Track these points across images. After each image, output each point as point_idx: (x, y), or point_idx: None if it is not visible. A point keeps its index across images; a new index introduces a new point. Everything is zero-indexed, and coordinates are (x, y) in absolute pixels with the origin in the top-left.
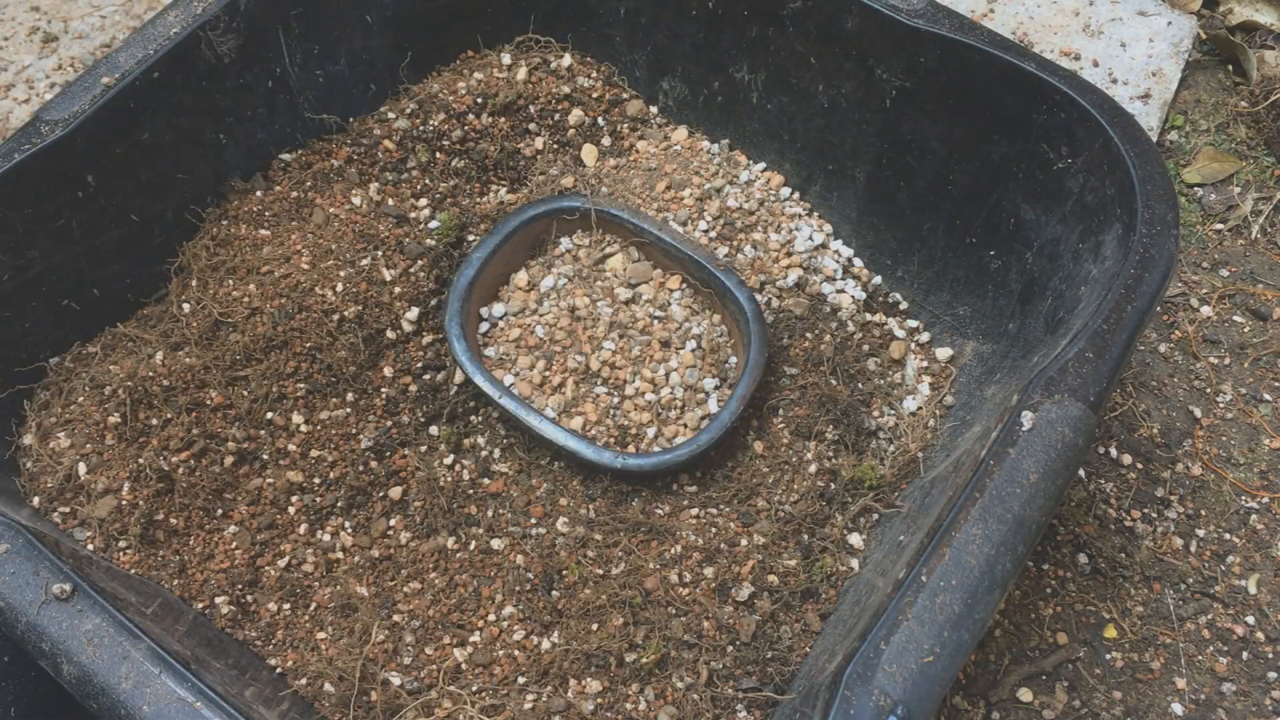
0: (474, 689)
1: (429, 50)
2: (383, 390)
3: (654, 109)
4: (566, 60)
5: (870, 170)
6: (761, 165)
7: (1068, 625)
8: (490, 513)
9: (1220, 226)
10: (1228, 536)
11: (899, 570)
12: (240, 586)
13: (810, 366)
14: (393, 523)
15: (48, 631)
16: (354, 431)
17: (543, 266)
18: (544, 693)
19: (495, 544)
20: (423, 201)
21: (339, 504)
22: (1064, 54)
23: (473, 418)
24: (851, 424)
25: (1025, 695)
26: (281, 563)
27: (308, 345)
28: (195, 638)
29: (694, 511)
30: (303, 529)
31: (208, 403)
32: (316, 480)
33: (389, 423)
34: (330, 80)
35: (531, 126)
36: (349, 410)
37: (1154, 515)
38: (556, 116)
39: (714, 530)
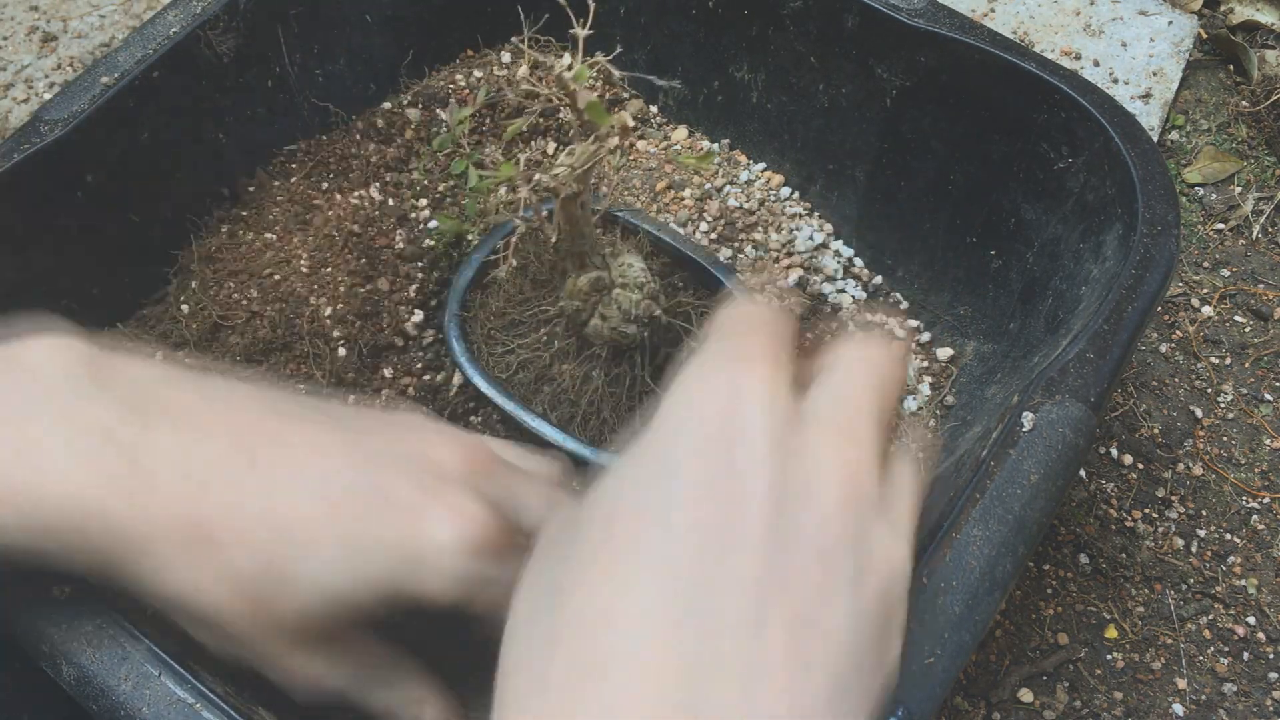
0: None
1: (429, 49)
2: (382, 391)
3: (654, 109)
4: (566, 60)
5: (871, 170)
6: (761, 165)
7: (1068, 626)
8: None
9: (1221, 226)
10: (1229, 537)
11: None
12: None
13: None
14: None
15: (46, 633)
16: None
17: None
18: None
19: None
20: (423, 202)
21: None
22: (1065, 53)
23: (472, 418)
24: None
25: (1026, 696)
26: None
27: (307, 348)
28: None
29: None
30: None
31: None
32: None
33: None
34: (330, 79)
35: None
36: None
37: (1155, 515)
38: (557, 116)
39: None
